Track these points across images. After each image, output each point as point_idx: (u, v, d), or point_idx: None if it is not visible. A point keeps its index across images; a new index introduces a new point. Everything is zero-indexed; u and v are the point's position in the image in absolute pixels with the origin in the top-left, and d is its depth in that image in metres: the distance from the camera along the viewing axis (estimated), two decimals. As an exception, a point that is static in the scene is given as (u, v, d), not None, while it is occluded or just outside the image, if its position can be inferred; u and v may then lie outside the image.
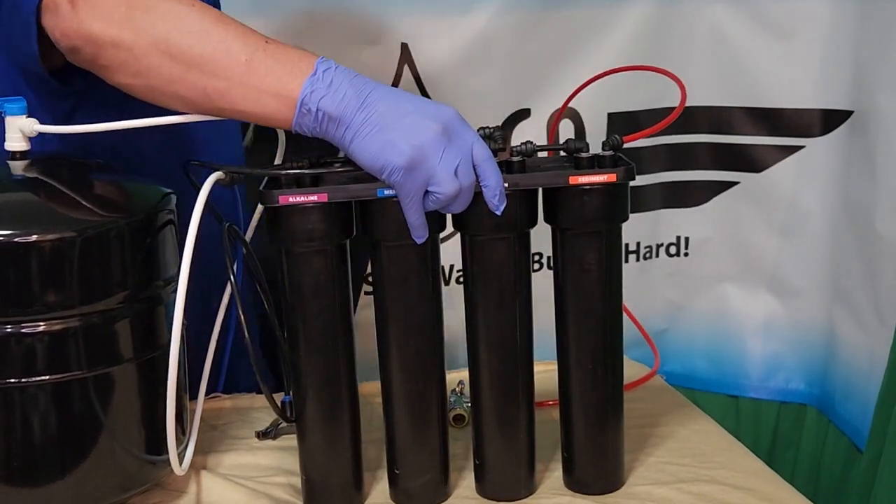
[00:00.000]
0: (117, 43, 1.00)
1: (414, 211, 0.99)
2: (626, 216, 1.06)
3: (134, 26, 1.00)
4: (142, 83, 1.03)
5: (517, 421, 1.08)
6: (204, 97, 1.01)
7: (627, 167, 1.03)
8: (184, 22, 1.01)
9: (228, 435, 1.24)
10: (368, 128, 0.97)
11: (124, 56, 1.01)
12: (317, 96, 0.97)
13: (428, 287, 1.05)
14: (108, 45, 1.00)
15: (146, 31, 1.00)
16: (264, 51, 1.00)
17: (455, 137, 0.98)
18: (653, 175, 1.94)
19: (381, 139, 0.97)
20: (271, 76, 0.99)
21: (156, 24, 1.00)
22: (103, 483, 1.03)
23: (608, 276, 1.06)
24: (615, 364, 1.09)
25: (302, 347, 1.05)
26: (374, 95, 0.98)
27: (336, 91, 0.98)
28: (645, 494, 1.10)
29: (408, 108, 0.98)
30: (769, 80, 1.87)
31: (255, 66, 0.99)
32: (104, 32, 1.00)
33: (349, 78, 0.99)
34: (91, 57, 1.02)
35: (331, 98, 0.97)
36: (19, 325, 0.96)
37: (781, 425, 2.00)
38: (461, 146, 0.98)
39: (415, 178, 0.97)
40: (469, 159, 0.99)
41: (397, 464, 1.08)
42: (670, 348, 2.01)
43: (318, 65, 0.99)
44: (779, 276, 1.96)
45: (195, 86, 1.00)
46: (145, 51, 1.00)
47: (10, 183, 1.06)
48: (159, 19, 1.00)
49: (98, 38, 1.00)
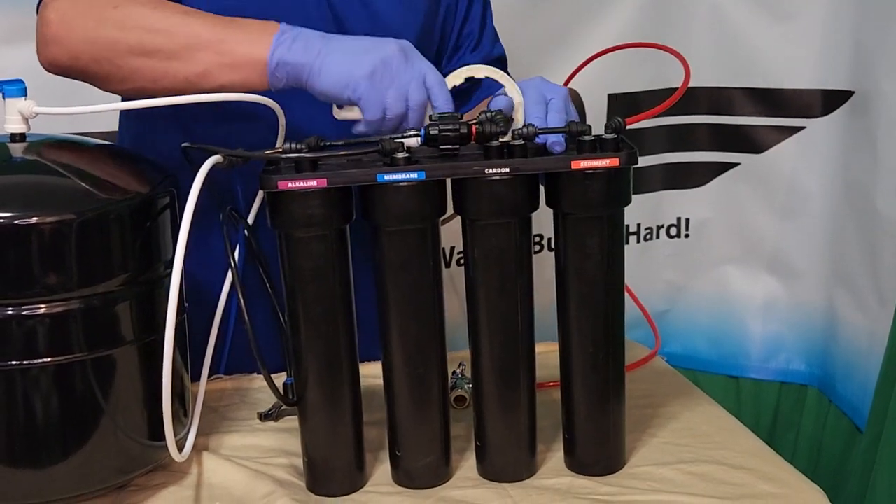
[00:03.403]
0: (97, 59, 1.11)
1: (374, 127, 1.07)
2: (629, 200, 1.05)
3: (107, 41, 1.11)
4: (130, 87, 1.13)
5: (518, 403, 1.08)
6: (188, 84, 1.10)
7: (630, 151, 1.02)
8: (150, 23, 1.10)
9: (230, 416, 1.24)
10: (332, 56, 1.06)
11: (107, 68, 1.12)
12: (283, 50, 1.07)
13: (429, 271, 1.04)
14: (90, 63, 1.12)
15: (120, 42, 1.10)
16: (230, 27, 1.09)
17: (411, 59, 1.08)
18: (653, 156, 1.94)
19: (344, 60, 1.06)
20: (241, 47, 1.09)
21: (127, 34, 1.10)
22: (105, 465, 1.03)
23: (610, 260, 1.05)
24: (617, 347, 1.09)
25: (303, 331, 1.05)
26: (335, 39, 1.09)
27: (300, 42, 1.07)
28: (646, 475, 1.10)
29: (366, 41, 1.09)
30: (770, 61, 1.87)
31: (225, 43, 1.09)
32: (81, 55, 1.12)
33: (313, 34, 1.09)
34: (81, 76, 1.14)
35: (297, 49, 1.07)
36: (20, 307, 0.96)
37: (782, 406, 2.01)
38: (416, 68, 1.07)
39: (378, 89, 1.05)
40: (422, 81, 1.07)
41: (399, 445, 1.09)
42: (671, 329, 2.01)
43: (282, 27, 1.09)
44: (779, 258, 1.96)
45: (177, 77, 1.10)
46: (124, 59, 1.11)
47: (10, 165, 1.06)
48: (128, 28, 1.10)
49: (77, 62, 1.12)
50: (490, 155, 1.02)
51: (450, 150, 1.02)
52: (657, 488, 1.07)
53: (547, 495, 1.06)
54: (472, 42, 1.43)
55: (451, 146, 1.02)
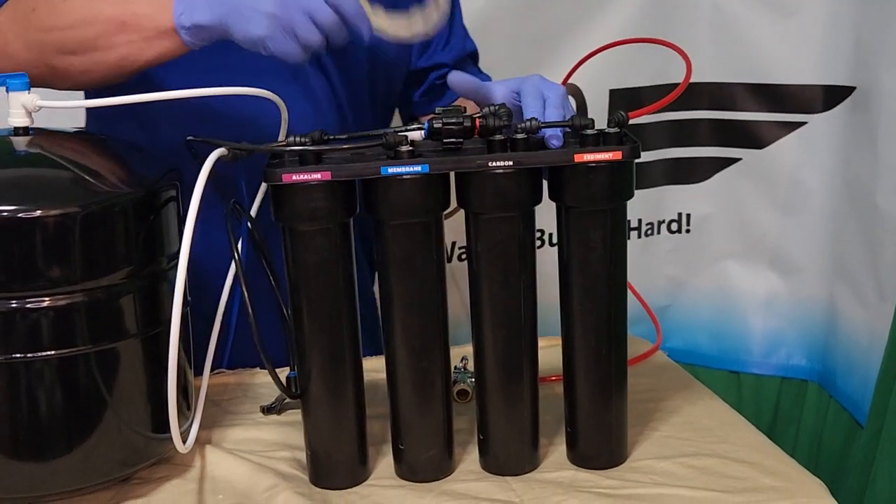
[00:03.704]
0: (34, 64, 1.13)
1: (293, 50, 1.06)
2: (632, 194, 1.06)
3: (37, 48, 1.13)
4: (72, 83, 1.16)
5: (521, 397, 1.08)
6: (118, 68, 1.12)
7: (633, 145, 1.03)
8: (63, 19, 1.11)
9: (233, 410, 1.25)
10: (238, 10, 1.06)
11: (45, 71, 1.14)
12: (187, 17, 1.08)
13: (432, 264, 1.05)
14: (31, 69, 1.11)
15: (45, 44, 1.12)
16: (131, 3, 1.10)
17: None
18: (655, 151, 1.94)
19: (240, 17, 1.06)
20: (148, 21, 1.09)
21: (46, 37, 1.12)
22: (109, 458, 1.04)
23: (613, 255, 1.06)
24: (619, 341, 1.09)
25: (306, 325, 1.05)
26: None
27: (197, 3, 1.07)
28: (647, 468, 1.10)
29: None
30: (771, 56, 1.87)
31: (131, 22, 1.09)
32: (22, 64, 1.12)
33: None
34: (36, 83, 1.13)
35: (198, 11, 1.07)
36: (24, 300, 0.96)
37: (783, 401, 2.01)
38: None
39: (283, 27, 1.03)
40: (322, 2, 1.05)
41: (402, 439, 1.09)
42: (672, 325, 2.01)
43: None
44: (780, 253, 1.96)
45: (104, 64, 1.12)
46: (54, 59, 1.13)
47: (13, 158, 1.06)
48: (47, 30, 1.12)
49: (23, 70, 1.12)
50: (493, 149, 1.02)
51: (453, 143, 1.02)
52: (659, 482, 1.07)
53: (549, 488, 1.06)
54: (442, 40, 1.42)
55: (454, 139, 1.02)
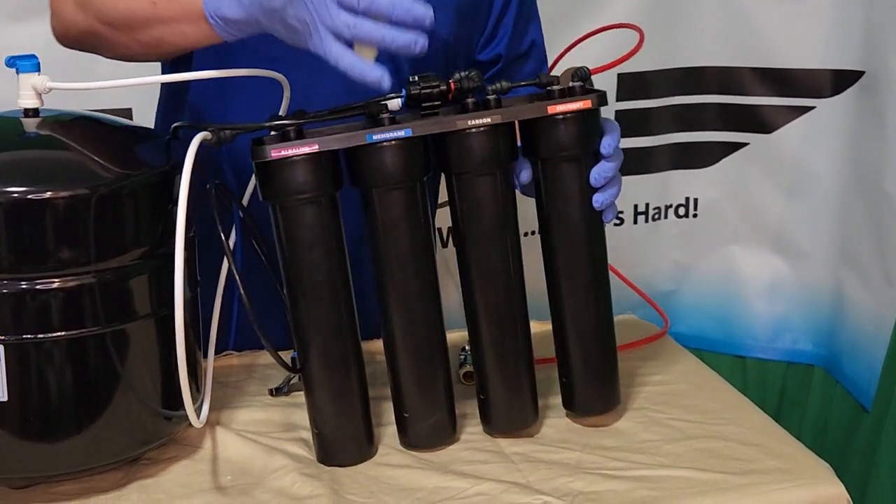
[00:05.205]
0: (81, 28, 1.14)
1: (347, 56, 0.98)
2: (601, 142, 1.09)
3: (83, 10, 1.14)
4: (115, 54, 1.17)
5: (515, 348, 1.11)
6: (150, 49, 1.13)
7: (600, 94, 1.08)
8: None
9: (241, 392, 1.25)
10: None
11: (90, 37, 1.15)
12: (214, 5, 1.04)
13: (420, 228, 1.07)
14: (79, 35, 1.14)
15: (89, 7, 1.13)
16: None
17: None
18: (662, 136, 1.94)
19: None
20: (177, 4, 1.07)
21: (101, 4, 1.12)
22: (119, 438, 1.04)
23: (588, 198, 1.09)
24: (603, 284, 1.13)
25: (301, 301, 1.06)
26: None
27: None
28: (654, 450, 1.11)
29: None
30: (779, 41, 1.86)
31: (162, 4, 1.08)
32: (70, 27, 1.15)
33: None
34: (78, 46, 1.18)
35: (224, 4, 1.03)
36: (34, 281, 0.97)
37: (788, 385, 2.01)
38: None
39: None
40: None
41: (405, 407, 1.10)
42: (678, 309, 2.01)
43: None
44: (786, 238, 1.96)
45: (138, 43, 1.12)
46: (98, 26, 1.13)
47: (23, 140, 1.06)
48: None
49: (69, 33, 1.17)
50: (468, 110, 1.06)
51: (430, 108, 1.06)
52: (665, 463, 1.08)
53: (556, 469, 1.07)
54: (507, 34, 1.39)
55: (432, 104, 1.06)
